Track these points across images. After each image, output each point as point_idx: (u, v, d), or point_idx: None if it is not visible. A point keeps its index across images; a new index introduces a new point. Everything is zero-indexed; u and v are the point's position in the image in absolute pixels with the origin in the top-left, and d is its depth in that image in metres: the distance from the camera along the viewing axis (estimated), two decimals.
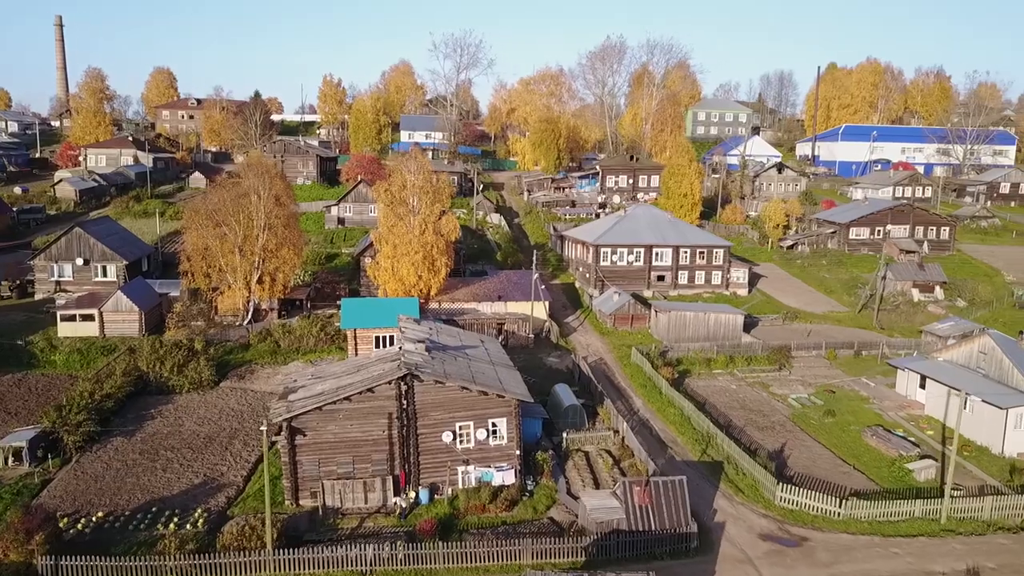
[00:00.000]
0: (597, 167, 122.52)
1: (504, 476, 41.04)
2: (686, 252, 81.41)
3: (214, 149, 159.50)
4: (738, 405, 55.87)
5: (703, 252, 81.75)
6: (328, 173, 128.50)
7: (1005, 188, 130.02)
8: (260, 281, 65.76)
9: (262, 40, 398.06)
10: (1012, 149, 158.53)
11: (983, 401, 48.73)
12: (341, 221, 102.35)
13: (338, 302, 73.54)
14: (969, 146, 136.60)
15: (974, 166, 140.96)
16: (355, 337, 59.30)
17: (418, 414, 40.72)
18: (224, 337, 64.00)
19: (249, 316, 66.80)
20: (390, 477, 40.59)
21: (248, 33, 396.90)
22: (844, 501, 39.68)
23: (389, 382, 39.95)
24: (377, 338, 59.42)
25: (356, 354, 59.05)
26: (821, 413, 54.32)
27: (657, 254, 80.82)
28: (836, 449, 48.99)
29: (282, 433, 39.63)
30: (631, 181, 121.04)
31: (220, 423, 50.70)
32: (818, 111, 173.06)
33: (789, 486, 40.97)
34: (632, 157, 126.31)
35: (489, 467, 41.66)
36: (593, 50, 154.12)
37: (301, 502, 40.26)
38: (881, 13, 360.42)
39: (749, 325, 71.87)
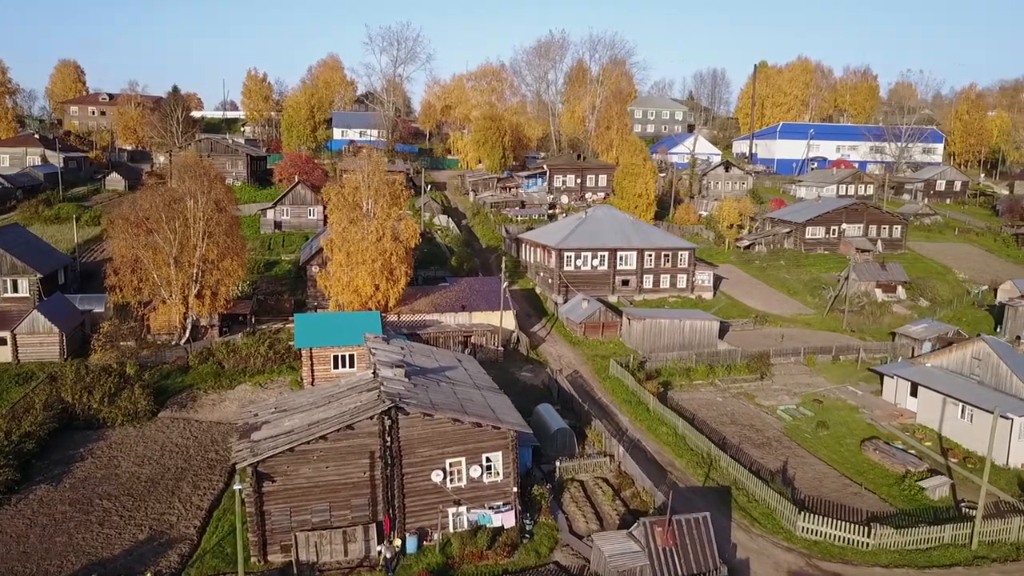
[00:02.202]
0: (544, 166, 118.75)
1: (503, 518, 36.49)
2: (650, 255, 78.31)
3: (130, 148, 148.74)
4: (728, 420, 52.74)
5: (667, 255, 78.82)
6: (259, 173, 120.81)
7: (941, 185, 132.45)
8: (199, 295, 59.15)
9: (178, 32, 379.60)
10: (940, 147, 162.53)
11: (985, 410, 46.99)
12: (278, 225, 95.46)
13: (285, 316, 67.75)
14: (904, 144, 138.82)
15: (908, 164, 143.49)
16: (311, 357, 53.57)
17: (403, 451, 35.80)
18: (160, 359, 57.20)
19: (187, 334, 60.13)
20: (373, 525, 35.51)
21: (162, 24, 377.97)
22: (871, 530, 36.67)
23: (371, 417, 34.87)
24: (335, 357, 53.91)
25: (312, 376, 53.45)
26: (813, 425, 51.72)
27: (621, 257, 77.44)
28: (839, 466, 46.29)
29: (247, 479, 34.01)
30: (579, 181, 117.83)
31: (163, 462, 44.42)
32: (754, 109, 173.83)
33: (811, 515, 37.77)
34: (579, 156, 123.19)
35: (483, 507, 37.07)
36: (534, 45, 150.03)
37: (270, 558, 34.80)
38: (810, 12, 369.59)
39: (722, 331, 69.13)
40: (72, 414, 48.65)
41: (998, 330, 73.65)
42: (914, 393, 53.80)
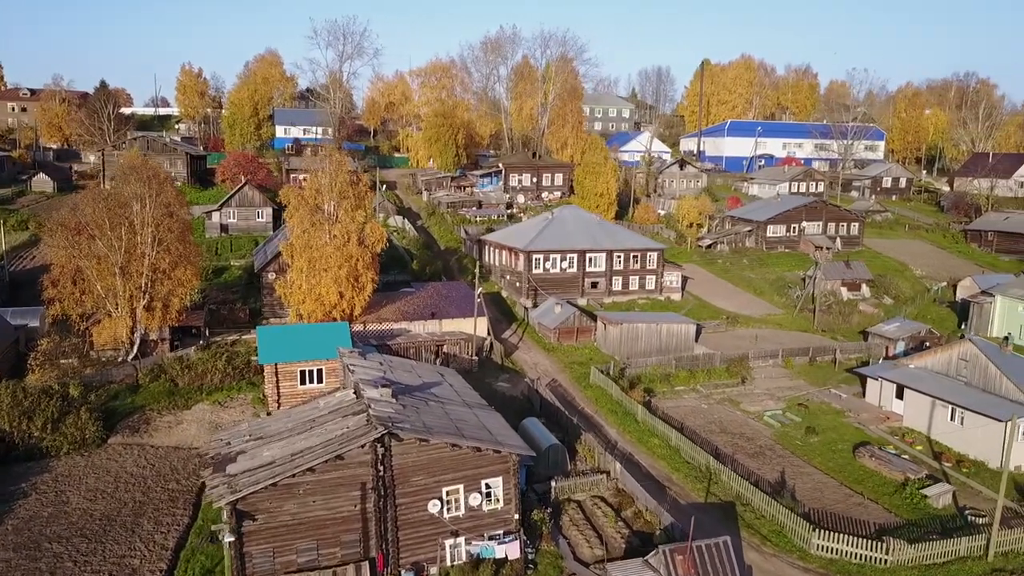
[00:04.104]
0: (500, 165, 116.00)
1: (507, 549, 33.71)
2: (619, 256, 76.41)
3: (55, 146, 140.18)
4: (717, 428, 51.03)
5: (636, 256, 77.05)
6: (199, 173, 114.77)
7: (887, 182, 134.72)
8: (149, 307, 54.51)
9: (104, 23, 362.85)
10: (882, 144, 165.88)
11: (978, 413, 46.44)
12: (224, 228, 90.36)
13: (240, 327, 63.55)
14: (850, 141, 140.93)
15: (855, 161, 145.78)
16: (276, 373, 49.66)
17: (396, 481, 32.71)
18: (106, 378, 52.42)
19: (135, 350, 55.42)
20: (365, 563, 32.32)
21: (86, 13, 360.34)
22: (888, 546, 35.20)
23: (363, 445, 31.66)
24: (302, 372, 50.16)
25: (278, 393, 49.58)
26: (803, 432, 50.43)
27: (591, 259, 75.31)
28: (836, 474, 45.01)
29: (226, 521, 30.43)
30: (535, 180, 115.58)
31: (118, 495, 40.17)
32: (701, 107, 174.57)
33: (825, 532, 36.14)
34: (534, 154, 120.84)
35: (483, 537, 34.24)
36: (483, 40, 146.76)
37: None
38: (752, 11, 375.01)
39: (696, 333, 67.59)
40: (10, 444, 43.75)
41: (963, 327, 74.27)
42: (900, 395, 53.03)
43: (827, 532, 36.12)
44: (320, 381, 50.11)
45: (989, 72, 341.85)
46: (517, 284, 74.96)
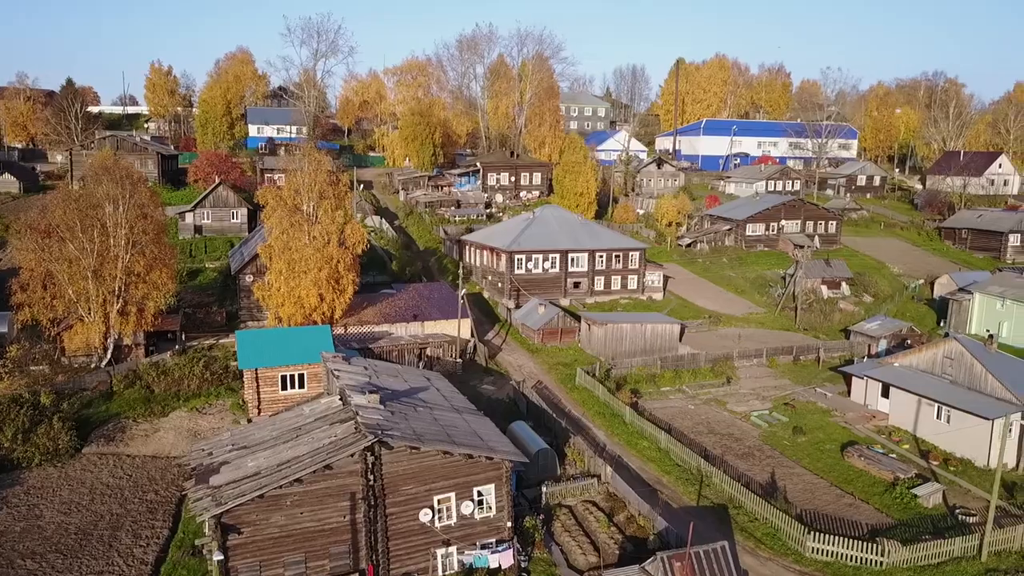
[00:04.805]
0: (478, 164, 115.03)
1: (501, 558, 32.93)
2: (602, 256, 75.88)
3: (20, 146, 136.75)
4: (705, 429, 50.67)
5: (619, 255, 76.58)
6: (171, 173, 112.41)
7: (862, 180, 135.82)
8: (123, 312, 52.92)
9: (70, 20, 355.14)
10: (855, 143, 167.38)
11: (965, 411, 46.51)
12: (198, 230, 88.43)
13: (217, 330, 62.15)
14: (824, 140, 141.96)
15: (829, 159, 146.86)
16: (256, 379, 48.43)
17: (387, 490, 31.81)
18: (79, 385, 50.76)
19: (108, 355, 53.80)
20: (355, 574, 31.37)
21: (50, 9, 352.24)
22: (883, 548, 34.95)
23: (352, 454, 30.69)
24: (283, 377, 48.99)
25: (258, 399, 48.38)
26: (790, 432, 50.19)
27: (573, 259, 74.70)
28: (826, 475, 44.80)
29: (211, 536, 29.32)
30: (513, 179, 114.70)
31: (94, 508, 38.78)
32: (677, 106, 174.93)
33: (820, 534, 35.82)
34: (512, 154, 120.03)
35: (475, 545, 33.47)
36: (456, 39, 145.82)
37: None
38: (726, 9, 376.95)
39: (680, 333, 67.32)
40: None
41: (941, 324, 74.79)
42: (885, 394, 53.05)
43: (822, 534, 35.80)
44: (302, 386, 49.01)
45: (957, 72, 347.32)
46: (499, 285, 74.15)
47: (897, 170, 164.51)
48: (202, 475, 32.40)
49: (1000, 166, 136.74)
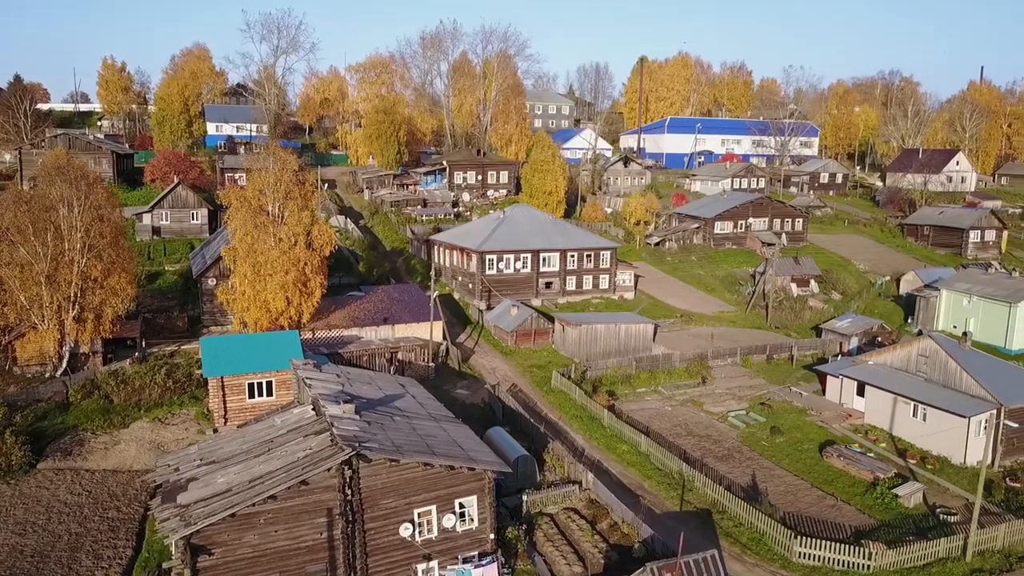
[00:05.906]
0: (444, 162, 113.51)
1: (484, 572, 31.76)
2: (573, 256, 75.08)
3: None
4: (683, 431, 50.11)
5: (590, 255, 75.86)
6: (127, 173, 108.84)
7: (824, 178, 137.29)
8: (79, 319, 50.57)
9: (16, 14, 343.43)
10: (817, 140, 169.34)
11: (941, 409, 46.60)
12: (156, 231, 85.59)
13: (178, 336, 59.92)
14: (787, 137, 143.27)
15: (792, 157, 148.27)
16: (222, 386, 46.59)
17: (365, 505, 30.46)
18: (32, 396, 48.36)
19: (64, 364, 51.38)
20: None
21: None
22: (869, 551, 34.59)
23: (329, 468, 29.27)
24: (251, 385, 47.24)
25: (225, 408, 46.54)
26: (768, 432, 49.89)
27: (544, 259, 73.75)
28: (806, 476, 44.48)
29: (174, 556, 27.69)
30: (480, 177, 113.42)
31: (52, 528, 36.76)
32: (641, 103, 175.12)
33: (806, 538, 35.32)
34: (479, 152, 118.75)
35: (457, 559, 32.29)
36: (419, 36, 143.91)
37: None
38: (688, 7, 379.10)
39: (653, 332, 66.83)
40: None
41: (909, 321, 75.47)
42: (861, 392, 53.03)
43: (807, 538, 35.30)
44: (270, 394, 47.38)
45: (912, 70, 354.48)
46: (470, 285, 72.89)
47: (858, 167, 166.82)
48: (168, 493, 30.68)
49: (958, 163, 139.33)
